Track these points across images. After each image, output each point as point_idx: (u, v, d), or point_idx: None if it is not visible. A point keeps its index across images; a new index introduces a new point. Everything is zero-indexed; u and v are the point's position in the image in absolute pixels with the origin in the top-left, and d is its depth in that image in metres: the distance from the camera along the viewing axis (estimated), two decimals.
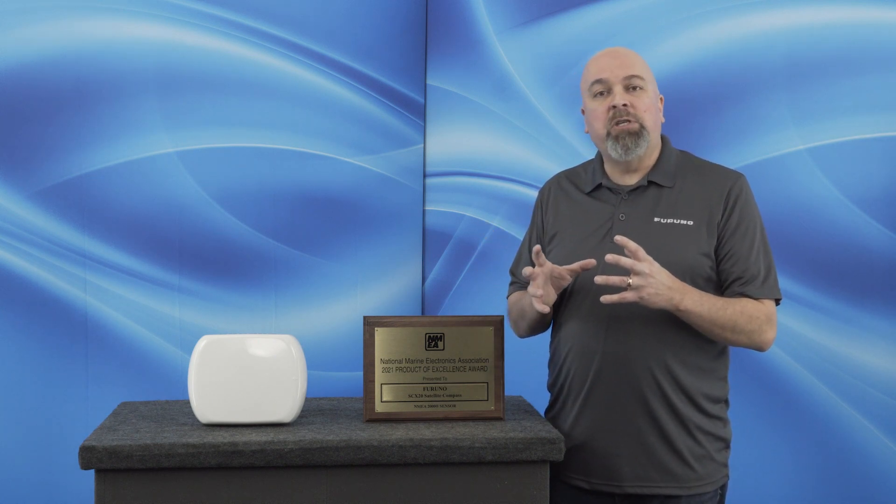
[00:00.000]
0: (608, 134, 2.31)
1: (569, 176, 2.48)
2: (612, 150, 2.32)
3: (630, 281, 2.13)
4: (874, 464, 3.27)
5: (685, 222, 2.28)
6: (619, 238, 2.16)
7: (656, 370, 2.25)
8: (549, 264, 2.23)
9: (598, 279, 2.16)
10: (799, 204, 3.26)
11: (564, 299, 2.36)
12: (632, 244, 2.14)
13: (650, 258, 2.15)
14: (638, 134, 2.30)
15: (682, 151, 2.41)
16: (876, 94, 3.25)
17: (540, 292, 2.23)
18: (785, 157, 3.29)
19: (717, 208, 2.29)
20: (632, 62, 2.33)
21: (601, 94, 2.33)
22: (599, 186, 2.38)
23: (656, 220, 2.30)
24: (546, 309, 2.24)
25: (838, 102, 3.26)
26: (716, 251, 2.29)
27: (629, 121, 2.29)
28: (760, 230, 2.32)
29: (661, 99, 2.39)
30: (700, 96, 3.27)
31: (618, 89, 2.31)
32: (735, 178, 2.34)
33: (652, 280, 2.13)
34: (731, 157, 3.23)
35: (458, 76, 3.36)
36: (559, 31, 3.33)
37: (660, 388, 2.25)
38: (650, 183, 2.34)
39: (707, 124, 3.28)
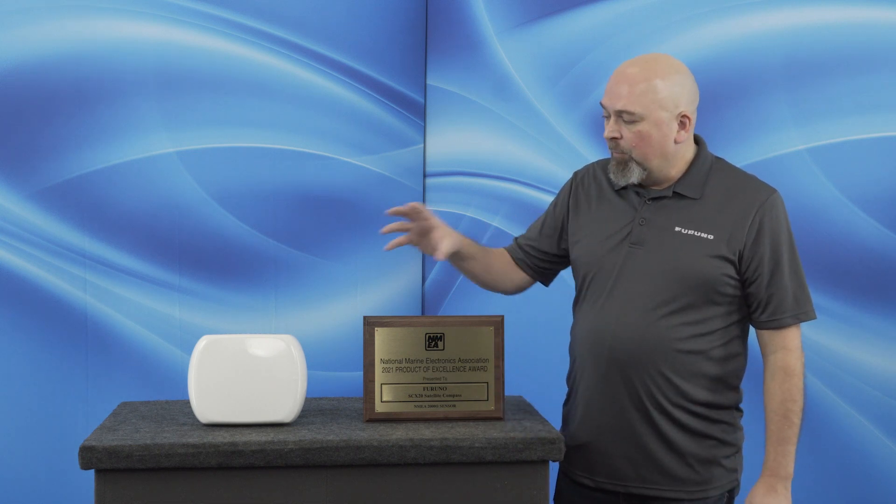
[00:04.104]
0: (612, 156, 2.32)
1: (605, 167, 2.42)
2: (610, 174, 2.32)
3: None
4: (874, 463, 3.27)
5: (706, 236, 2.25)
6: None
7: (657, 377, 2.24)
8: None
9: None
10: (799, 204, 3.26)
11: (581, 296, 2.36)
12: None
13: None
14: (625, 165, 2.26)
15: (717, 158, 2.35)
16: (876, 94, 3.25)
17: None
18: (785, 157, 3.29)
19: (742, 227, 2.24)
20: (629, 91, 2.22)
21: (604, 116, 2.30)
22: (626, 187, 2.35)
23: (677, 229, 2.26)
24: (440, 257, 2.32)
25: (838, 102, 3.26)
26: (741, 273, 2.26)
27: (618, 152, 2.27)
28: (789, 250, 2.27)
29: (685, 117, 2.27)
30: (700, 96, 3.27)
31: (612, 119, 2.26)
32: (766, 195, 2.27)
33: None
34: (731, 158, 3.19)
35: (458, 76, 3.36)
36: (559, 31, 3.33)
37: (661, 395, 2.24)
38: (675, 193, 2.30)
39: (707, 124, 3.27)
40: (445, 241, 2.34)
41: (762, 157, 3.29)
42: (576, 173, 2.49)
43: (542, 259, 2.48)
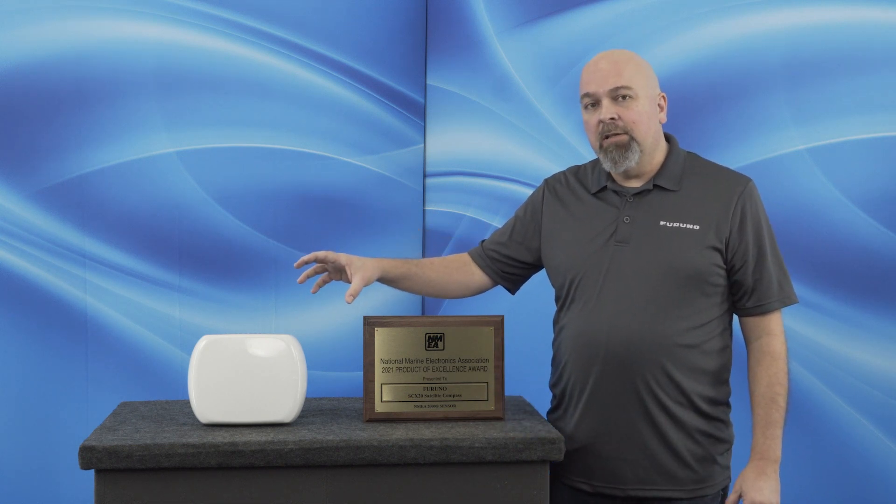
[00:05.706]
0: (600, 146, 2.31)
1: (576, 174, 2.45)
2: (605, 163, 2.32)
3: None
4: (874, 463, 3.27)
5: (691, 226, 2.27)
6: None
7: (658, 374, 2.24)
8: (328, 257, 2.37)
9: None
10: (799, 204, 3.26)
11: (567, 301, 2.36)
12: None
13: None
14: (627, 146, 2.27)
15: (689, 153, 2.38)
16: (876, 94, 3.26)
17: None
18: (785, 157, 3.29)
19: (725, 216, 2.27)
20: (618, 70, 2.27)
21: (590, 106, 2.31)
22: (605, 189, 2.36)
23: (662, 223, 2.28)
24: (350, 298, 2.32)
25: (838, 102, 3.27)
26: (727, 262, 2.28)
27: (618, 133, 2.27)
28: (769, 236, 2.31)
29: (663, 97, 2.34)
30: (700, 96, 3.27)
31: (605, 102, 2.27)
32: (744, 183, 2.31)
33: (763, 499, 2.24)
34: (731, 157, 3.23)
35: (458, 76, 3.36)
36: (559, 31, 3.34)
37: (662, 392, 2.25)
38: (655, 186, 2.32)
39: (707, 124, 3.28)
40: (356, 277, 2.35)
41: (762, 157, 3.29)
42: (546, 181, 2.51)
43: (510, 265, 2.49)
